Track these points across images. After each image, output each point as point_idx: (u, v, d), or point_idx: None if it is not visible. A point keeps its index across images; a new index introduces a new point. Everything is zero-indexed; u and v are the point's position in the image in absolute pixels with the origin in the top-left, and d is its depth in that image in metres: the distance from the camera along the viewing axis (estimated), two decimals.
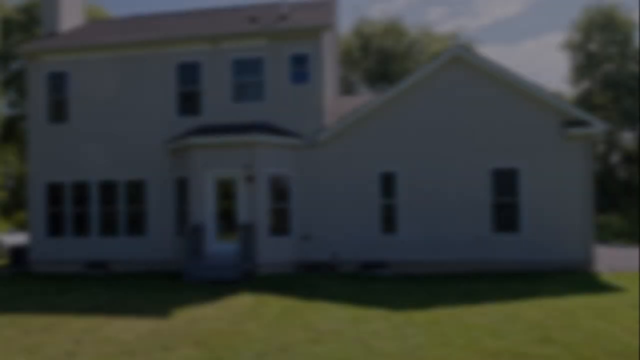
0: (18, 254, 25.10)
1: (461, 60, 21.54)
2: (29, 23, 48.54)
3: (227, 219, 21.90)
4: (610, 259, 23.91)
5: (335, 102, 27.65)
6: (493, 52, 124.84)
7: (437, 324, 12.00)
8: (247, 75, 23.15)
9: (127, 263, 23.59)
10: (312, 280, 19.23)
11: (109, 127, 23.96)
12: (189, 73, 23.57)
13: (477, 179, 21.12)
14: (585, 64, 51.36)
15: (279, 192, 22.09)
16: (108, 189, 23.90)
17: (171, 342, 10.75)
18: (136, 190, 23.73)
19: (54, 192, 24.36)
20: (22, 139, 48.99)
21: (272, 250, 21.51)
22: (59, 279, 21.54)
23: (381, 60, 57.00)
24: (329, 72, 27.37)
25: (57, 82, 24.64)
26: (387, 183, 21.80)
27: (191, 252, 20.10)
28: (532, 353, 9.59)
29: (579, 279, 18.24)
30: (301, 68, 22.56)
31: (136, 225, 23.71)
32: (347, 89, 60.51)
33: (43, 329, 12.36)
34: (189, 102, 23.57)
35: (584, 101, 51.87)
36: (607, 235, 41.02)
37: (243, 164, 21.19)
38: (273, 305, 14.58)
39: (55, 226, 24.39)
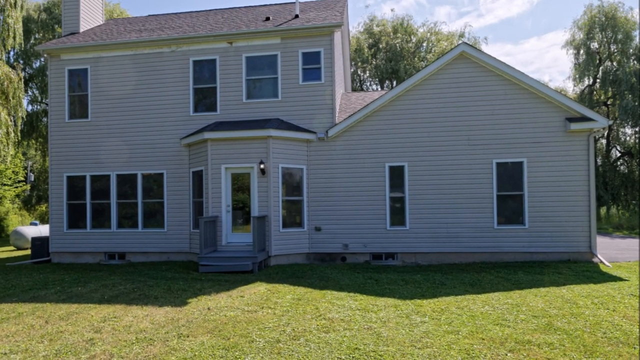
0: (39, 245, 25.20)
1: (467, 58, 21.51)
2: (50, 22, 48.66)
3: (241, 211, 21.94)
4: (610, 250, 23.93)
5: (346, 98, 27.68)
6: (498, 50, 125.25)
7: (443, 312, 12.01)
8: (261, 73, 23.16)
9: (145, 254, 23.76)
10: (323, 270, 19.21)
11: (127, 122, 24.05)
12: (204, 70, 23.62)
13: (482, 173, 21.10)
14: (587, 61, 51.21)
15: (292, 185, 22.12)
16: (126, 182, 23.99)
17: (187, 330, 10.78)
18: (154, 184, 23.81)
19: (74, 186, 24.45)
20: (44, 134, 49.22)
21: (285, 241, 21.56)
22: (78, 269, 21.63)
23: (390, 57, 56.88)
24: (340, 69, 27.38)
25: (77, 79, 24.73)
26: (395, 176, 21.79)
27: (207, 243, 20.09)
28: (535, 340, 9.61)
29: (581, 269, 18.19)
30: (313, 65, 22.58)
31: (154, 217, 23.79)
32: (357, 85, 60.64)
33: (63, 317, 12.42)
34: (204, 99, 23.61)
35: (586, 98, 51.91)
36: (607, 227, 41.13)
37: (257, 158, 21.29)
38: (286, 294, 14.60)
39: (75, 218, 24.48)
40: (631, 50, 48.74)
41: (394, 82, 57.25)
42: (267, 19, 24.68)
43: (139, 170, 23.85)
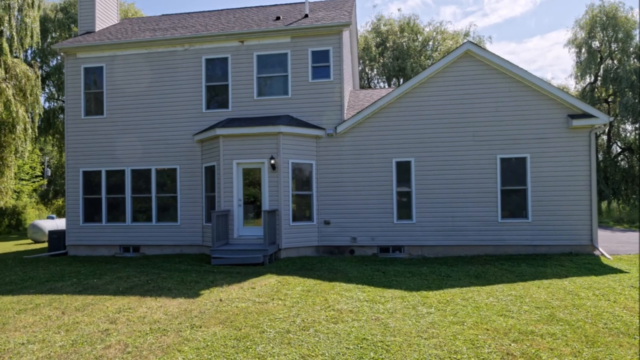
0: (56, 238, 25.28)
1: (472, 56, 21.49)
2: (66, 21, 48.75)
3: (252, 205, 21.97)
4: (611, 243, 23.89)
5: (354, 95, 27.67)
6: (502, 48, 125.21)
7: (449, 304, 12.02)
8: (272, 71, 23.19)
9: (159, 247, 23.81)
10: (332, 263, 19.24)
11: (141, 119, 24.12)
12: (217, 68, 23.64)
13: (487, 168, 21.09)
14: (589, 60, 51.23)
15: (302, 180, 22.14)
16: (141, 177, 24.05)
17: (200, 321, 10.81)
18: (167, 179, 23.86)
19: (90, 181, 24.52)
20: (60, 130, 49.32)
21: (294, 234, 21.59)
22: (94, 261, 21.71)
23: (397, 56, 56.93)
24: (349, 67, 27.40)
25: (93, 76, 24.78)
26: (402, 172, 21.79)
27: (219, 237, 20.14)
28: (538, 331, 9.61)
29: (583, 261, 18.19)
30: (322, 64, 22.58)
31: (167, 211, 23.83)
32: (365, 83, 60.66)
33: (79, 308, 12.47)
34: (216, 96, 23.65)
35: (588, 95, 51.86)
36: (608, 221, 41.07)
37: (268, 153, 21.31)
38: (296, 286, 14.62)
39: (91, 212, 24.55)
40: (631, 49, 48.72)
41: (401, 80, 57.22)
42: (278, 18, 24.71)
43: (153, 166, 23.89)
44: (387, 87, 58.13)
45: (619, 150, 53.59)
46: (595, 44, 51.65)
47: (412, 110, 21.91)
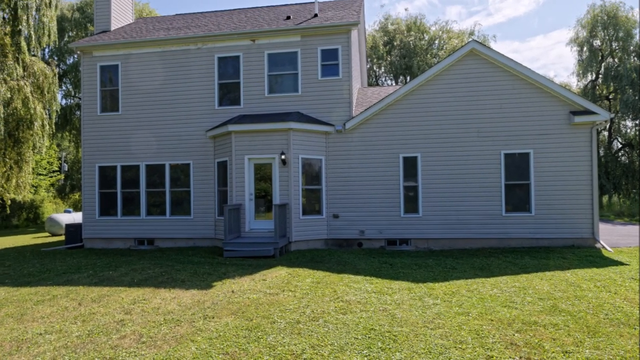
0: (73, 231, 25.35)
1: (476, 55, 21.43)
2: (82, 21, 48.81)
3: (263, 200, 21.98)
4: (612, 236, 23.82)
5: (363, 93, 27.64)
6: (506, 47, 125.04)
7: (454, 295, 12.02)
8: (282, 69, 23.20)
9: (172, 240, 23.85)
10: (340, 255, 19.23)
11: (156, 115, 24.16)
12: (229, 66, 23.66)
13: (491, 163, 21.05)
14: (590, 58, 51.17)
15: (311, 175, 22.13)
16: (155, 172, 24.08)
17: (212, 312, 10.84)
18: (181, 173, 23.89)
19: (106, 175, 24.57)
20: (77, 126, 49.38)
21: (304, 228, 21.61)
22: (109, 254, 21.75)
23: (404, 54, 56.84)
24: (357, 66, 27.37)
25: (109, 74, 24.84)
26: (409, 167, 21.76)
27: (231, 230, 20.13)
28: (541, 322, 9.61)
29: (584, 254, 18.12)
30: (331, 62, 22.59)
31: (181, 205, 23.87)
32: (373, 80, 60.61)
33: (95, 299, 12.52)
34: (228, 93, 23.66)
35: (589, 92, 51.79)
36: (609, 215, 40.99)
37: (278, 149, 21.31)
38: (305, 278, 14.63)
39: (106, 206, 24.61)
40: (631, 48, 48.61)
41: (408, 78, 56.92)
42: (288, 17, 24.74)
43: (167, 161, 23.93)
44: (394, 84, 57.92)
45: (620, 146, 53.49)
46: (597, 42, 51.54)
47: (419, 107, 21.88)
